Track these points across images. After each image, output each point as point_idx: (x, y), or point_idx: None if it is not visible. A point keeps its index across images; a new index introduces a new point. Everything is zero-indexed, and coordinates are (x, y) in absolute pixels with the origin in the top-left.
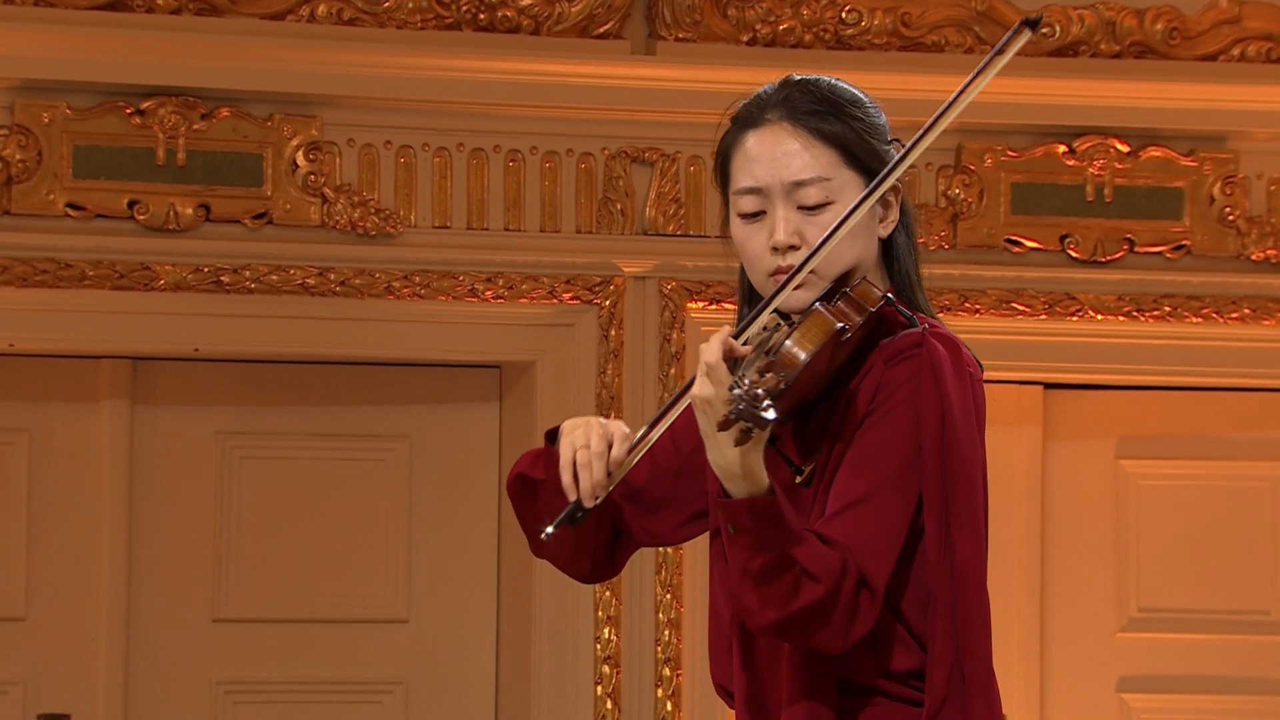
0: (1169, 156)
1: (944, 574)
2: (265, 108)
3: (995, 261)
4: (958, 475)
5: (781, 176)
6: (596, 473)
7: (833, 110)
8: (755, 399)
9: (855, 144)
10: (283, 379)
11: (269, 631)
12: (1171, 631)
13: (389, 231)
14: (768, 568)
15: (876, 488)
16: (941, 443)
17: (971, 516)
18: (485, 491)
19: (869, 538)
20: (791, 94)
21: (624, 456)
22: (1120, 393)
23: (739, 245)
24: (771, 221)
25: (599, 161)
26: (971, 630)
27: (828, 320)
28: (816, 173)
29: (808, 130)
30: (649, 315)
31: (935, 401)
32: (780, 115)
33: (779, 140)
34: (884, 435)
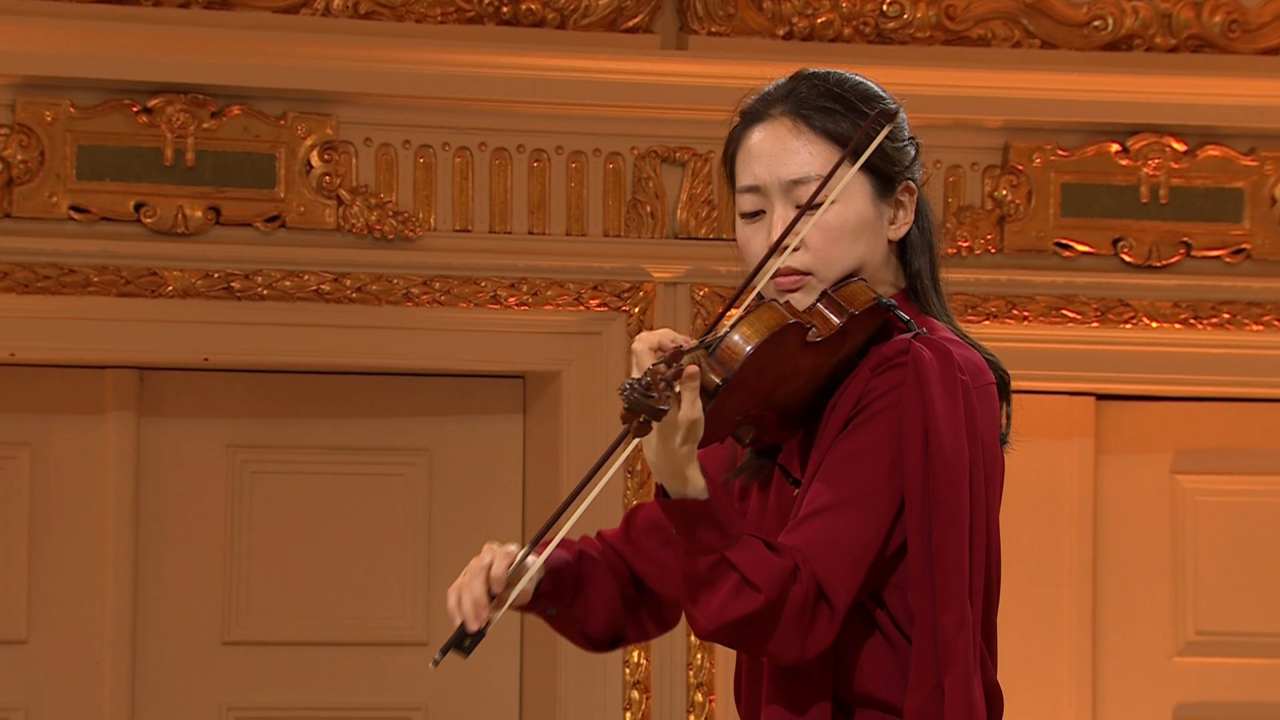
0: (1228, 155)
1: (925, 591)
2: (278, 106)
3: (1044, 266)
4: (942, 489)
5: (780, 174)
6: (475, 591)
7: (840, 105)
8: (646, 388)
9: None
10: (296, 390)
11: (282, 655)
12: (1231, 656)
13: (407, 235)
14: (708, 573)
15: (845, 498)
16: (925, 455)
17: (956, 532)
18: (508, 508)
19: (829, 548)
20: (798, 88)
21: (504, 574)
22: (1177, 404)
23: (741, 245)
24: (770, 221)
25: (628, 162)
26: (952, 649)
27: (778, 314)
28: (816, 170)
29: (811, 126)
30: (680, 322)
31: (918, 411)
32: (784, 110)
33: (780, 136)
34: (860, 445)
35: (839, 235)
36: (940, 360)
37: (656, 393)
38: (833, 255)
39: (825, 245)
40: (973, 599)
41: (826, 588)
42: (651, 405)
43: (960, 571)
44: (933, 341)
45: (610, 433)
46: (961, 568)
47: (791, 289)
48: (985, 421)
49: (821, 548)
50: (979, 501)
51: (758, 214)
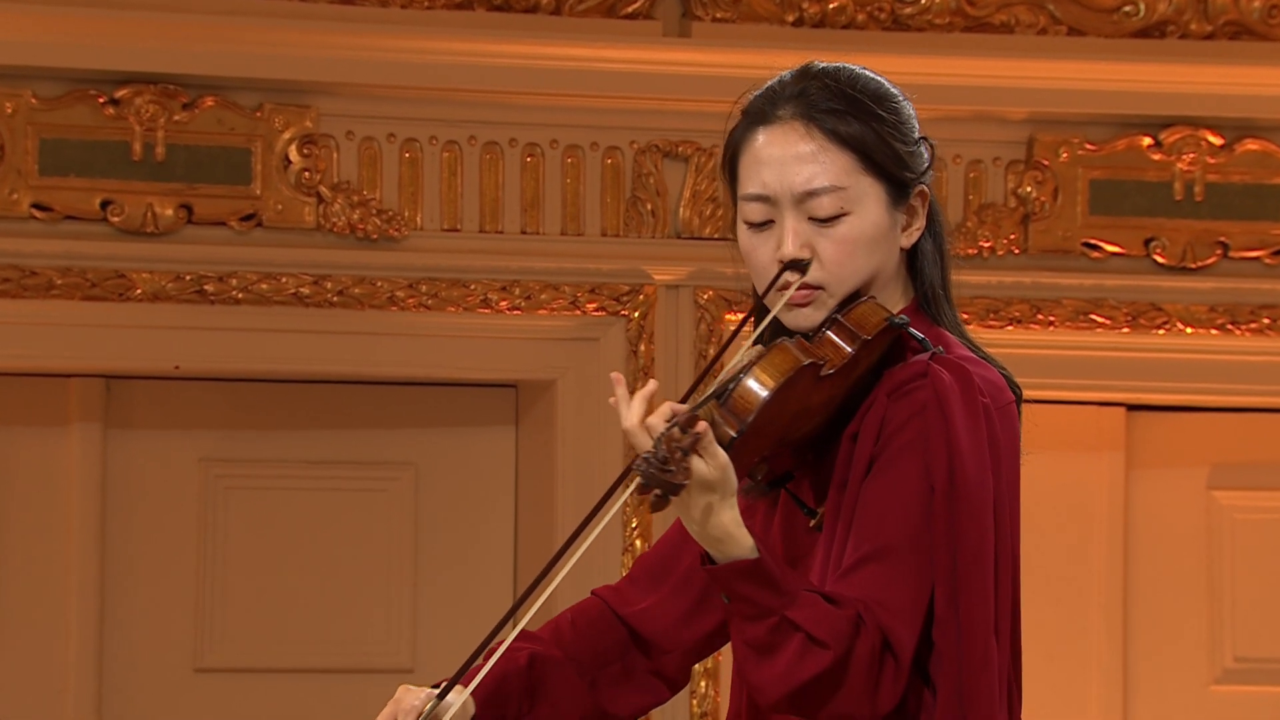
0: (1268, 150)
1: (950, 630)
2: (254, 97)
3: (1072, 268)
4: (966, 522)
5: (792, 185)
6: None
7: (853, 108)
8: (662, 462)
9: (876, 147)
10: (273, 400)
11: (258, 683)
12: (1272, 684)
13: (392, 235)
14: (768, 637)
15: (892, 543)
16: (950, 485)
17: (981, 568)
18: (499, 526)
19: (889, 595)
20: (808, 88)
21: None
22: (1213, 415)
23: (745, 253)
24: (780, 232)
25: (627, 156)
26: (976, 692)
27: (792, 356)
28: (830, 181)
29: (823, 131)
30: (683, 328)
31: (942, 439)
32: (794, 112)
33: (790, 142)
34: (894, 481)
35: (854, 248)
36: (960, 383)
37: (674, 465)
38: (847, 270)
39: (840, 259)
40: (999, 635)
41: (892, 638)
42: (668, 480)
43: (985, 607)
44: (950, 362)
45: (608, 446)
46: (986, 603)
47: (802, 303)
48: (1006, 444)
49: (880, 597)
50: (1003, 532)
51: (765, 224)
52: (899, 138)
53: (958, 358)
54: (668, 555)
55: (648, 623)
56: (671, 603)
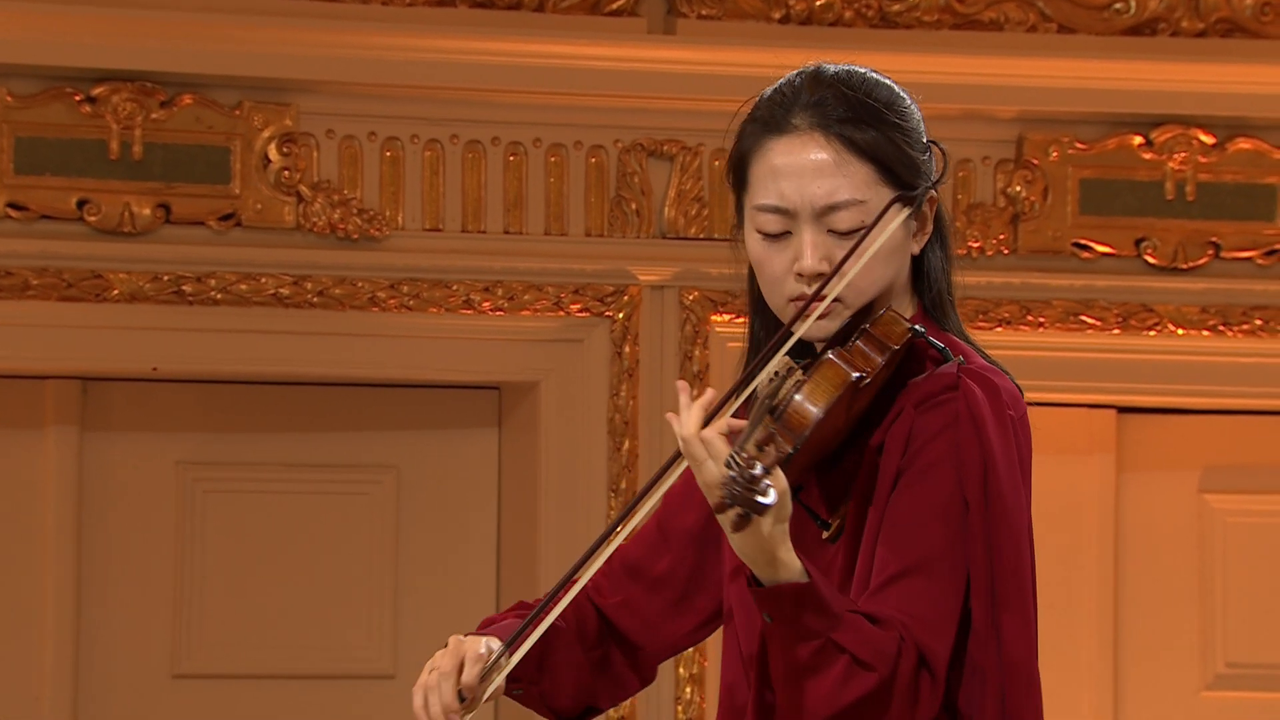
0: (1260, 149)
1: (991, 648)
2: (233, 94)
3: (1062, 269)
4: (1003, 537)
5: (813, 199)
6: (445, 696)
7: (870, 117)
8: (751, 481)
9: (894, 158)
10: (252, 402)
11: (237, 689)
12: (1264, 690)
13: (373, 235)
14: (813, 659)
15: (927, 556)
16: (985, 501)
17: (1019, 583)
18: (482, 529)
19: (924, 612)
20: (824, 97)
21: (475, 680)
22: (1204, 418)
23: (756, 262)
24: (798, 245)
25: (611, 155)
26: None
27: (841, 371)
28: (851, 195)
29: (842, 142)
30: (668, 329)
31: (976, 454)
32: (811, 122)
33: (809, 154)
34: (926, 495)
35: (874, 262)
36: (989, 395)
37: (760, 485)
38: (866, 283)
39: (861, 273)
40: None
41: (927, 655)
42: (756, 501)
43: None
44: (976, 374)
45: (592, 449)
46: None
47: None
48: (1027, 456)
49: (916, 613)
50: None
51: (781, 234)
52: (913, 145)
53: (980, 368)
54: (646, 552)
55: (625, 617)
56: (648, 600)
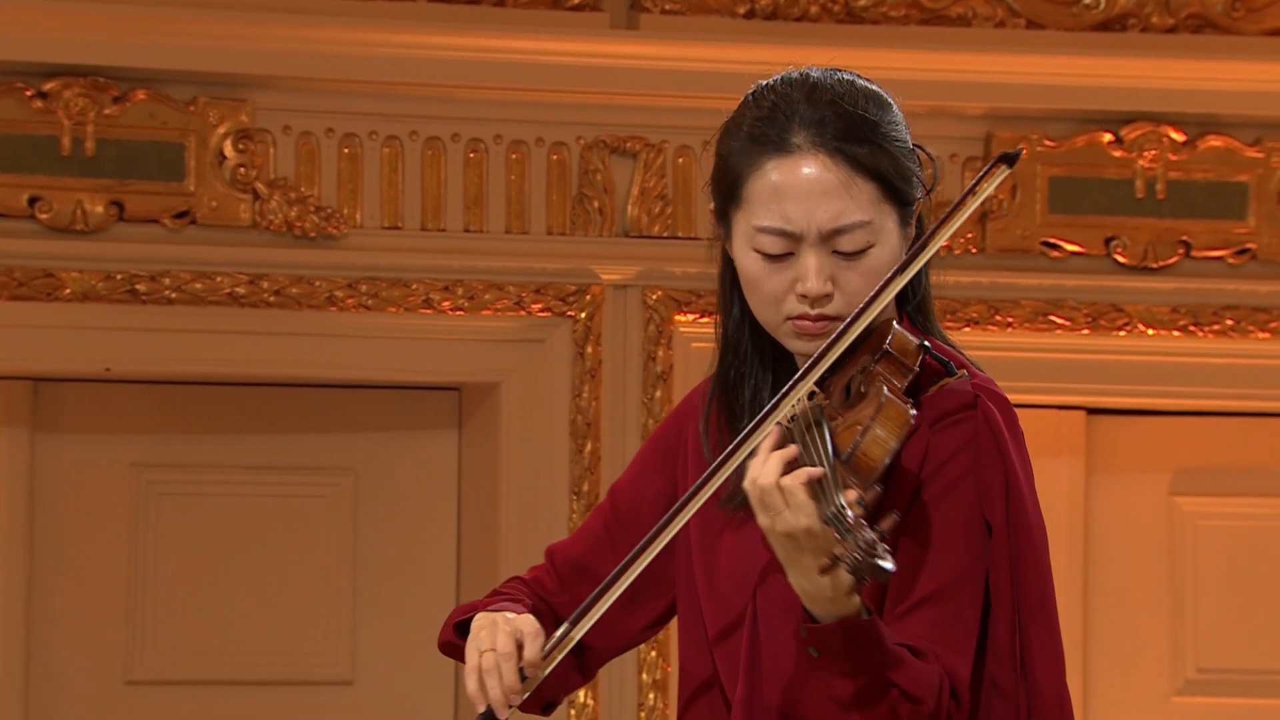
0: (1231, 146)
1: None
2: (188, 90)
3: (1030, 268)
4: (1026, 560)
5: (820, 223)
6: (507, 677)
7: (871, 133)
8: (870, 546)
9: (895, 173)
10: (207, 403)
11: (191, 696)
12: (1235, 695)
13: (331, 233)
14: (863, 693)
15: (952, 581)
16: (1008, 522)
17: (1045, 607)
18: (442, 533)
19: (952, 638)
20: (824, 115)
21: (539, 656)
22: (1175, 419)
23: (752, 280)
24: (801, 267)
25: (573, 152)
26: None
27: (903, 411)
28: (859, 216)
29: (847, 162)
30: (631, 329)
31: (999, 474)
32: (813, 142)
33: (815, 175)
34: (948, 516)
35: (877, 279)
36: (1004, 413)
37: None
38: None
39: (863, 290)
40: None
41: (955, 682)
42: (879, 567)
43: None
44: (989, 390)
45: (553, 450)
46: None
47: (815, 333)
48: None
49: (944, 641)
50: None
51: (783, 255)
52: (907, 155)
53: (985, 383)
54: (593, 553)
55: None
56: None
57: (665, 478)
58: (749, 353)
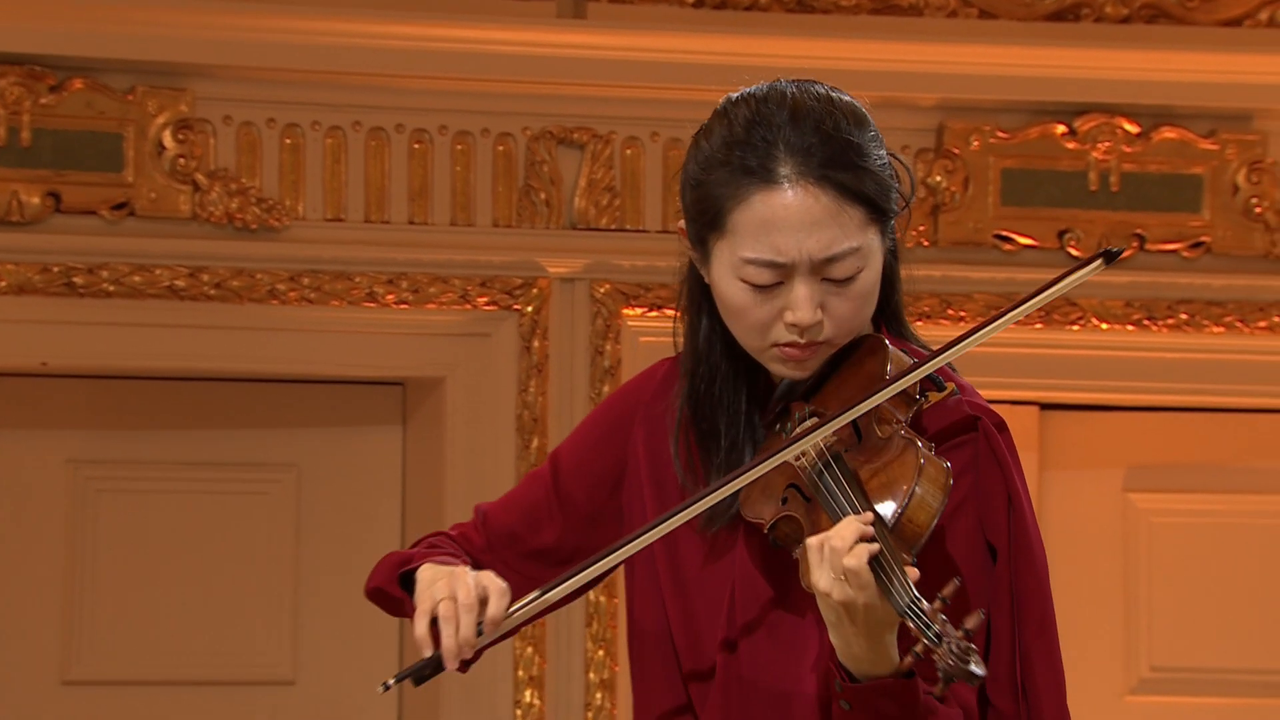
0: (1186, 138)
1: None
2: (126, 79)
3: (983, 261)
4: (1027, 579)
5: (811, 252)
6: (464, 628)
7: (856, 156)
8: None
9: (879, 194)
10: (146, 398)
11: (129, 696)
12: (1189, 694)
13: (272, 225)
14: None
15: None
16: (1011, 547)
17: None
18: (385, 530)
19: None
20: (809, 143)
21: (502, 616)
22: (1129, 415)
23: (737, 309)
24: (792, 297)
25: (519, 143)
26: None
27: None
28: (849, 244)
29: (836, 190)
30: (578, 323)
31: (1001, 496)
32: (799, 171)
33: (805, 206)
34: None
35: (866, 301)
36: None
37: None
38: (857, 323)
39: (852, 314)
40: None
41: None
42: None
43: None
44: (984, 409)
45: (499, 446)
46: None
47: (806, 358)
48: None
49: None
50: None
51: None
52: (887, 170)
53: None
54: (526, 523)
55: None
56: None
57: (611, 458)
58: (721, 369)
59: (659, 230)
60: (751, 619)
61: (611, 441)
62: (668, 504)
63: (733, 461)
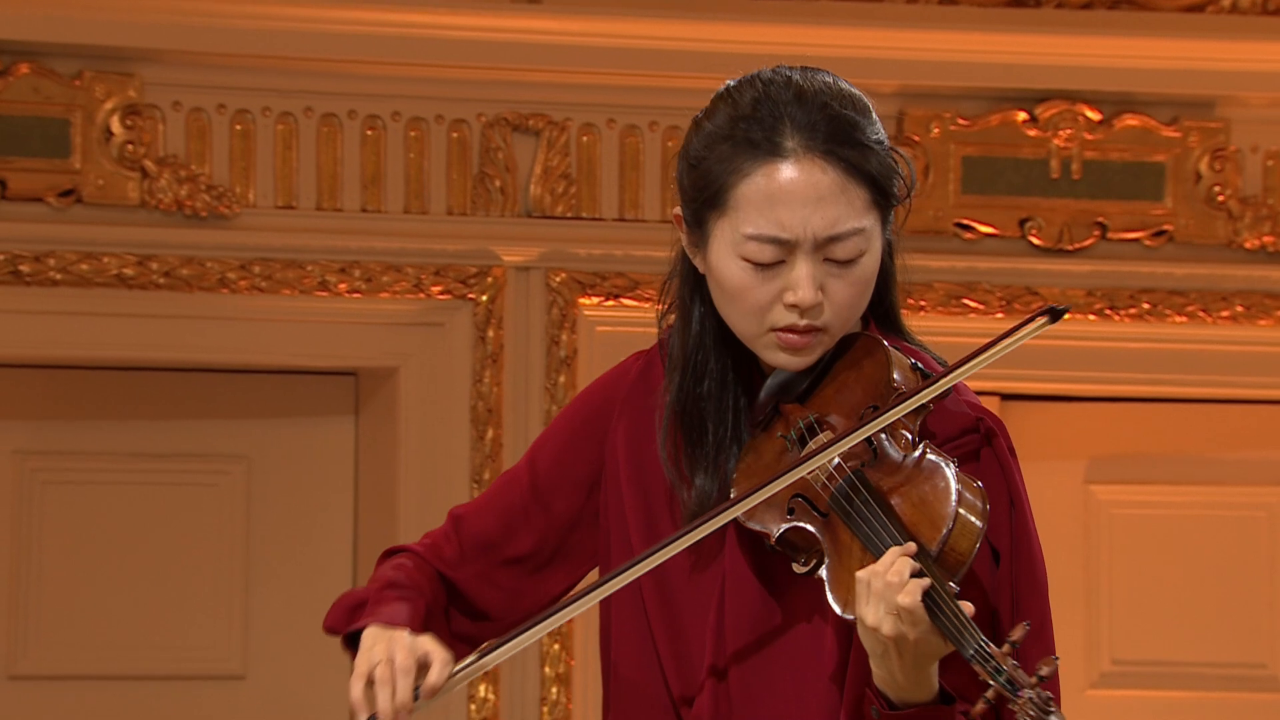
0: (1148, 125)
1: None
2: (73, 64)
3: (943, 250)
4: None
5: (816, 229)
6: (401, 692)
7: (860, 135)
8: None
9: (884, 177)
10: (94, 388)
11: (77, 691)
12: (1151, 688)
13: (222, 213)
14: None
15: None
16: (1013, 550)
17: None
18: (337, 522)
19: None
20: (815, 119)
21: (441, 684)
22: (1091, 405)
23: (736, 290)
24: (793, 276)
25: (474, 130)
26: None
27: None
28: (854, 223)
29: (842, 166)
30: (533, 312)
31: (1004, 499)
32: (807, 146)
33: (811, 180)
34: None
35: (866, 288)
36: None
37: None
38: (855, 311)
39: (851, 300)
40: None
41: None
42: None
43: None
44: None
45: (453, 437)
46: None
47: (800, 346)
48: None
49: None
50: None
51: (772, 264)
52: (889, 156)
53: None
54: (503, 529)
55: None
56: (502, 572)
57: (588, 458)
58: (712, 365)
59: (616, 218)
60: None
61: (588, 441)
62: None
63: (719, 463)
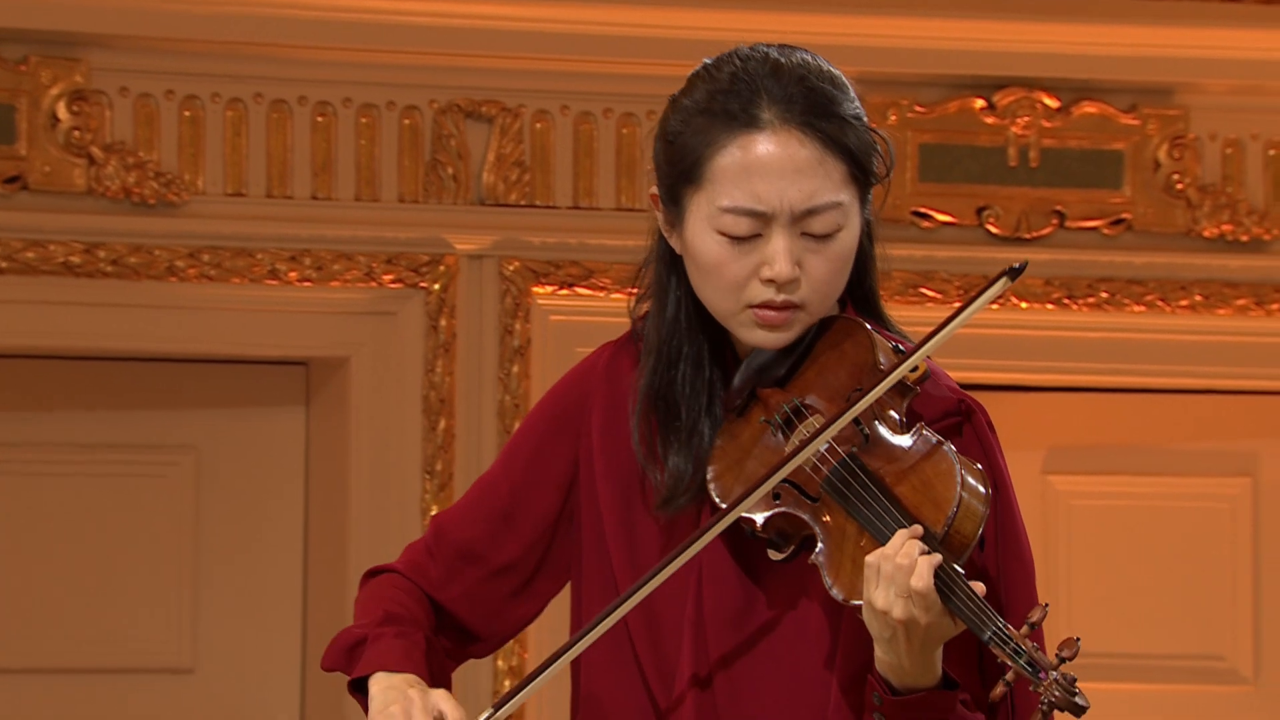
0: (1106, 113)
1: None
2: (18, 48)
3: (900, 238)
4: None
5: (793, 201)
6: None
7: (839, 109)
8: (1071, 685)
9: (862, 152)
10: (40, 378)
11: (22, 684)
12: (1110, 680)
13: (171, 200)
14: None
15: None
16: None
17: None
18: (288, 514)
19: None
20: (792, 92)
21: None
22: (1048, 395)
23: (711, 265)
24: (770, 250)
25: (426, 116)
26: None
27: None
28: (831, 196)
29: (819, 139)
30: (486, 301)
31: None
32: (783, 117)
33: (788, 152)
34: None
35: (843, 265)
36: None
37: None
38: (833, 288)
39: (829, 277)
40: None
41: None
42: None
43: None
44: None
45: (405, 428)
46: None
47: (778, 324)
48: None
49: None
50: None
51: (750, 237)
52: (868, 133)
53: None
54: (486, 538)
55: (467, 609)
56: (490, 589)
57: (563, 459)
58: (686, 348)
59: (570, 206)
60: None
61: (561, 438)
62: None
63: (692, 444)
